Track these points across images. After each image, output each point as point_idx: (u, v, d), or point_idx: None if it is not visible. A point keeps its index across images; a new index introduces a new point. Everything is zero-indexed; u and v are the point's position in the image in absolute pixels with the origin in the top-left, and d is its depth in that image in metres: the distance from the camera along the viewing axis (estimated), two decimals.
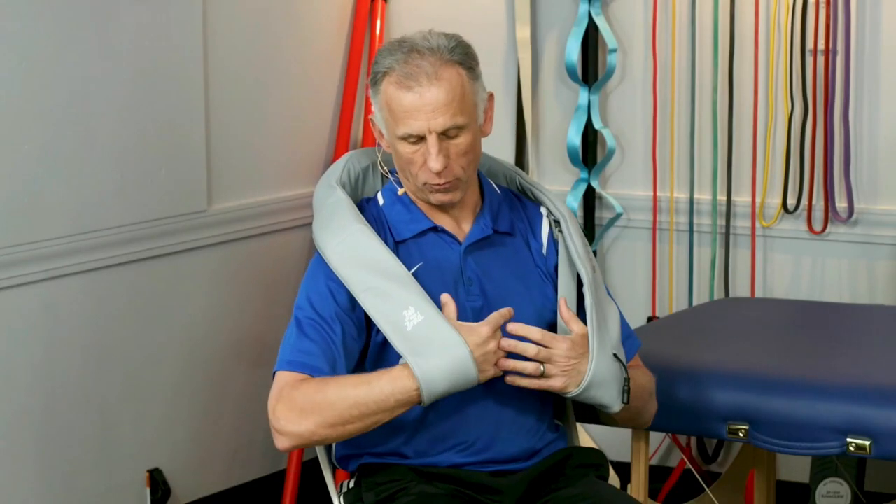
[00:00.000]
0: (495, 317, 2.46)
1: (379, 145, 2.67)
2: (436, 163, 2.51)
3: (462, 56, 2.54)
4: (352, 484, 2.64)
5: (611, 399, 2.56)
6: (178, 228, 3.72)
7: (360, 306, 2.53)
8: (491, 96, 2.62)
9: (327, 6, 4.12)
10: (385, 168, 2.72)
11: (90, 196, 3.49)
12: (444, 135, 2.52)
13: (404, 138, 2.53)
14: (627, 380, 2.59)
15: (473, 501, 2.56)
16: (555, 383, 2.50)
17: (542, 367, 2.49)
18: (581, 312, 2.61)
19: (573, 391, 2.52)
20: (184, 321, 3.77)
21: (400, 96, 2.51)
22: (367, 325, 2.55)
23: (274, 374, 2.54)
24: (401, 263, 2.52)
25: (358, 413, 2.43)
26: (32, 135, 3.35)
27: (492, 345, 2.45)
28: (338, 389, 2.44)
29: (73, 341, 3.50)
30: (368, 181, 2.73)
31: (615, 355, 2.57)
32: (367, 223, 2.57)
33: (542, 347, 2.49)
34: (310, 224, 4.06)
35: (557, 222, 2.70)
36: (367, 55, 4.18)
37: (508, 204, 2.70)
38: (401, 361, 2.46)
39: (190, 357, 3.80)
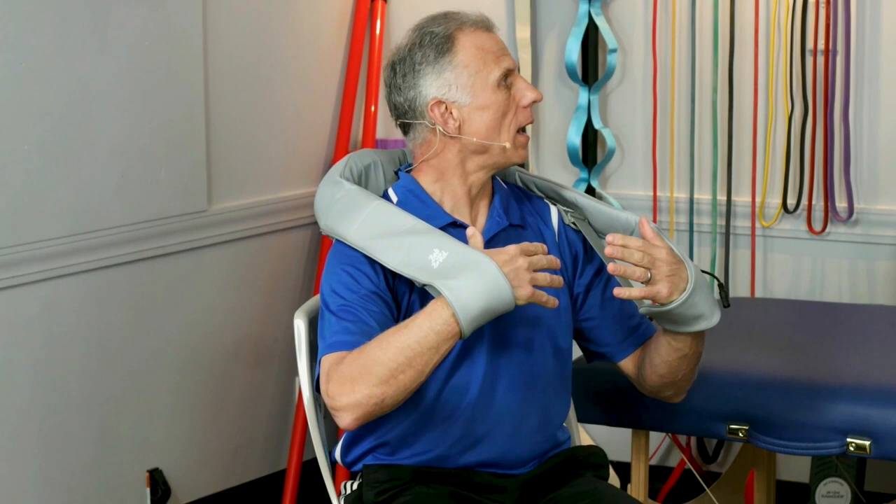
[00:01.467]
0: (526, 244, 2.43)
1: (427, 142, 2.61)
2: (537, 92, 2.59)
3: None
4: (354, 486, 2.64)
5: (710, 306, 2.53)
6: (178, 228, 3.72)
7: (387, 290, 2.51)
8: None
9: (327, 6, 4.12)
10: (409, 159, 2.69)
11: (90, 196, 3.49)
12: None
13: (504, 76, 2.57)
14: (721, 285, 2.58)
15: (473, 502, 2.56)
16: (662, 289, 2.46)
17: (648, 273, 2.46)
18: (604, 307, 2.67)
19: (678, 298, 2.47)
20: (184, 321, 3.77)
21: (485, 38, 2.58)
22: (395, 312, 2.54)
23: (318, 363, 2.51)
24: (423, 222, 2.50)
25: (404, 359, 2.37)
26: (32, 135, 3.35)
27: (520, 262, 2.39)
28: (378, 343, 2.39)
29: (73, 341, 3.50)
30: (371, 180, 2.71)
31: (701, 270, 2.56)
32: (383, 199, 2.56)
33: (645, 253, 2.46)
34: (310, 224, 4.11)
35: (568, 210, 2.69)
36: (367, 55, 4.18)
37: (515, 198, 2.70)
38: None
39: (190, 357, 3.80)
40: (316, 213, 2.64)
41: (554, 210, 2.70)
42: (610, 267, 2.45)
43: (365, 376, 2.37)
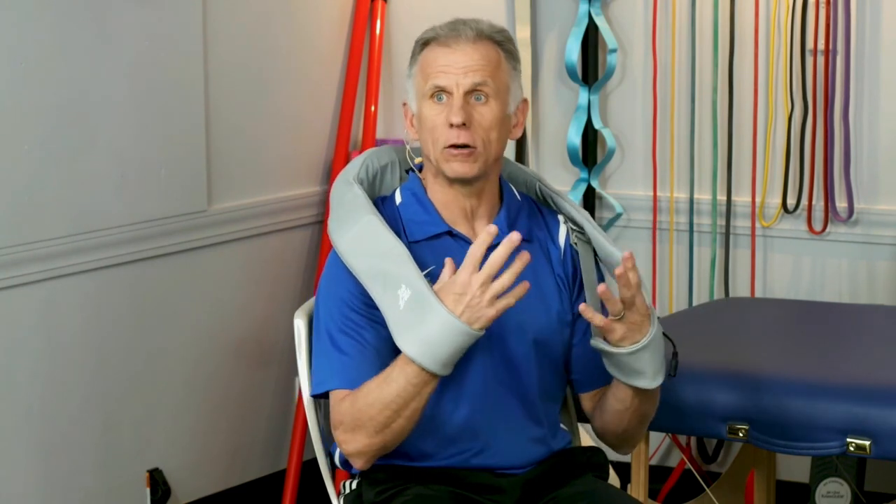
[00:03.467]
0: (470, 257, 2.39)
1: (404, 140, 2.65)
2: (457, 116, 2.51)
3: (503, 38, 2.58)
4: (353, 485, 2.64)
5: (655, 369, 2.52)
6: (178, 228, 3.72)
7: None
8: (525, 102, 2.63)
9: (327, 6, 4.12)
10: (413, 161, 2.68)
11: (90, 196, 3.49)
12: (471, 95, 2.53)
13: (431, 95, 2.53)
14: (676, 354, 2.56)
15: (473, 502, 2.56)
16: (619, 330, 2.47)
17: (623, 312, 2.47)
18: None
19: (628, 347, 2.48)
20: (184, 321, 3.77)
21: (437, 53, 2.54)
22: None
23: (313, 395, 2.58)
24: (400, 242, 2.49)
25: (391, 412, 2.43)
26: (32, 135, 3.35)
27: (470, 292, 2.37)
28: (365, 397, 2.45)
29: (74, 341, 3.50)
30: (386, 179, 2.71)
31: (665, 333, 2.55)
32: (378, 215, 2.55)
33: (635, 293, 2.46)
34: (310, 224, 4.12)
35: (577, 230, 2.68)
36: (367, 55, 4.18)
37: (527, 211, 2.67)
38: None
39: (190, 357, 3.80)
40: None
41: (563, 228, 2.69)
42: (601, 287, 2.45)
43: (360, 427, 2.46)
